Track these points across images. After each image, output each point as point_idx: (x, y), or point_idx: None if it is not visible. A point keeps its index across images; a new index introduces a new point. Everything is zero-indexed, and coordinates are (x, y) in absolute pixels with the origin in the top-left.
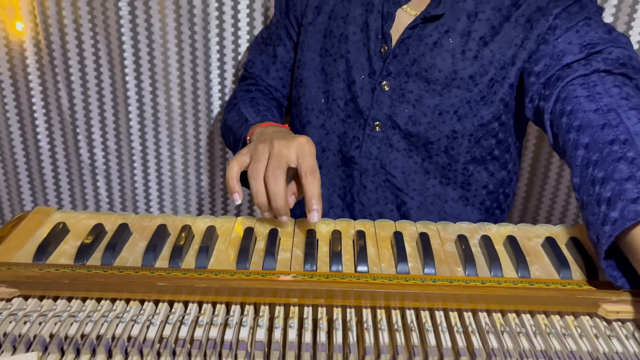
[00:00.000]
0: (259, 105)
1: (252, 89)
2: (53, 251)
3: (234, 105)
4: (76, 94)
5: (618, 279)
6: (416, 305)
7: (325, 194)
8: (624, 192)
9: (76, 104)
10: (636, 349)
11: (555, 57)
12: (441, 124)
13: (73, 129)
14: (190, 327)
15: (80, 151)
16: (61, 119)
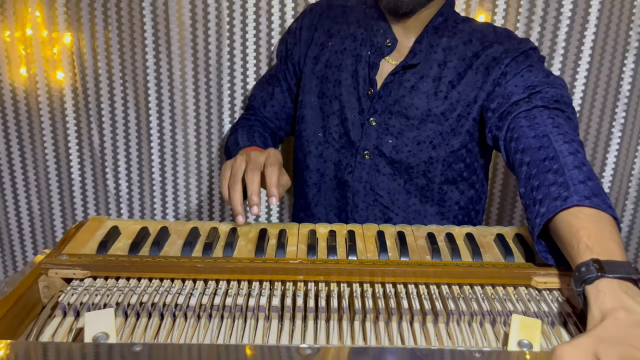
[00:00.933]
0: (254, 132)
1: (252, 118)
2: (110, 247)
3: (234, 130)
4: (106, 132)
5: (548, 258)
6: (393, 280)
7: (323, 212)
8: (549, 194)
9: (105, 141)
10: (559, 309)
11: (505, 96)
12: (419, 152)
13: (102, 163)
14: (222, 297)
15: (107, 182)
16: (92, 154)
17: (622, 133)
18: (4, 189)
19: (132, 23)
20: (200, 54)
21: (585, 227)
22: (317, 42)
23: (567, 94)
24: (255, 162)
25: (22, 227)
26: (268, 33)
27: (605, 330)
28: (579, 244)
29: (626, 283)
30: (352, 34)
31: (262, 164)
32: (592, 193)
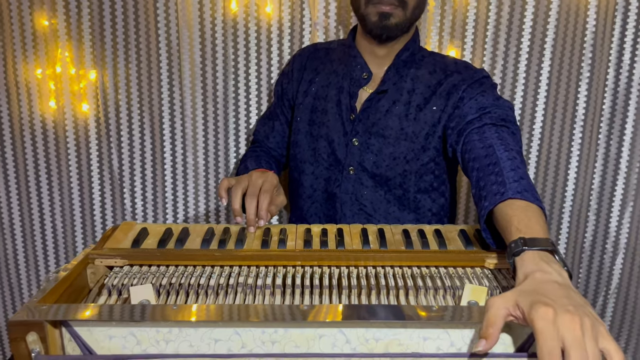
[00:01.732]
0: (261, 159)
1: (257, 149)
2: (142, 243)
3: (243, 161)
4: (124, 156)
5: (492, 243)
6: (374, 264)
7: (317, 222)
8: (491, 191)
9: (124, 164)
10: (505, 284)
11: (462, 117)
12: (395, 166)
13: (120, 184)
14: (235, 278)
15: (124, 201)
16: (111, 176)
17: (580, 152)
18: (32, 207)
19: (149, 61)
20: (209, 87)
21: (516, 215)
22: (306, 79)
23: (512, 114)
24: (254, 186)
25: (46, 241)
26: (268, 69)
27: (525, 285)
28: (511, 228)
29: (545, 253)
30: (334, 70)
31: (259, 188)
32: (523, 189)
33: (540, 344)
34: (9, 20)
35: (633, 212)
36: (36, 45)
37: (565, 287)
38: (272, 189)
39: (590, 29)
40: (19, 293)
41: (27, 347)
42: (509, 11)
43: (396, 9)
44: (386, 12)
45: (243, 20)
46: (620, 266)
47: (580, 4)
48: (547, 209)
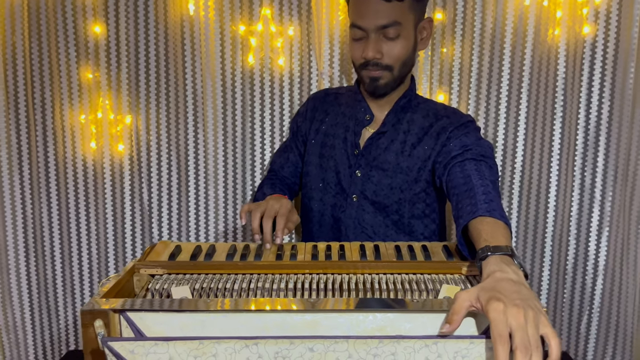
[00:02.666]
0: (276, 186)
1: (274, 177)
2: (177, 257)
3: (260, 187)
4: (153, 191)
5: (467, 254)
6: (369, 271)
7: None
8: (465, 211)
9: (152, 198)
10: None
11: (447, 154)
12: (392, 195)
13: (149, 215)
14: (255, 283)
15: (153, 231)
16: (141, 208)
17: (558, 182)
18: (71, 236)
19: (177, 106)
20: (229, 129)
21: (485, 229)
22: (318, 119)
23: (491, 152)
24: (271, 209)
25: (82, 266)
26: (280, 112)
27: (486, 283)
28: (480, 239)
29: (505, 257)
30: (342, 112)
31: (276, 211)
32: (492, 208)
33: (492, 329)
34: (57, 73)
35: (609, 236)
36: (81, 94)
37: (518, 283)
38: (287, 212)
39: (561, 75)
40: (55, 315)
41: (95, 331)
42: (489, 60)
43: (384, 72)
44: (375, 76)
45: (259, 71)
46: (601, 287)
47: (551, 53)
48: (530, 234)
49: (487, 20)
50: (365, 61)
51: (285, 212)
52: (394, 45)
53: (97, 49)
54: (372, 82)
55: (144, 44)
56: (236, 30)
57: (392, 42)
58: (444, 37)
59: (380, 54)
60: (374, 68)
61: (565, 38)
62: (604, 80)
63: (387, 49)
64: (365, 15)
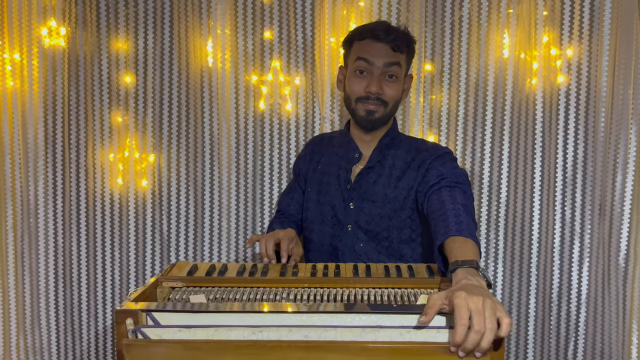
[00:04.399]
0: (284, 223)
1: (282, 217)
2: (194, 274)
3: (270, 226)
4: (172, 223)
5: (443, 269)
6: (361, 286)
7: None
8: (440, 232)
9: (171, 229)
10: None
11: (427, 183)
12: (382, 223)
13: (168, 244)
14: (261, 295)
15: (171, 258)
16: (161, 238)
17: (540, 217)
18: (97, 263)
19: (195, 147)
20: (241, 167)
21: (456, 246)
22: (315, 160)
23: (465, 178)
24: (275, 234)
25: (106, 291)
26: (287, 152)
27: (454, 287)
28: (452, 255)
29: (471, 269)
30: (335, 153)
31: (279, 237)
32: (461, 229)
33: (455, 312)
34: (92, 116)
35: (590, 266)
36: (111, 136)
37: (480, 287)
38: (292, 236)
39: (539, 119)
40: (79, 337)
41: (126, 327)
42: (474, 106)
43: (379, 107)
44: (371, 109)
45: (268, 116)
46: (585, 314)
47: (529, 100)
48: (517, 264)
49: (471, 71)
50: (367, 95)
51: (289, 236)
52: (392, 85)
53: (127, 96)
54: (368, 114)
55: (167, 91)
56: (249, 80)
57: (391, 82)
58: (433, 86)
59: (382, 90)
60: (374, 102)
61: (541, 87)
62: (578, 123)
63: (386, 88)
64: (375, 53)
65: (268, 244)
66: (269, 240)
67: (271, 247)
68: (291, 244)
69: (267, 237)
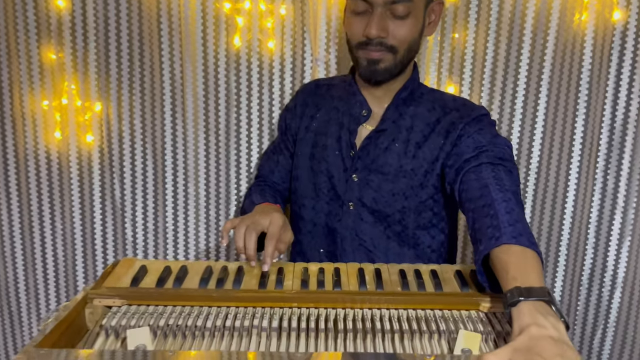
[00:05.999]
0: (266, 192)
1: (262, 184)
2: (141, 282)
3: (248, 195)
4: (126, 187)
5: (487, 285)
6: (370, 306)
7: (317, 256)
8: (486, 234)
9: (125, 194)
10: (499, 328)
11: (459, 155)
12: (395, 202)
13: (122, 214)
14: (232, 320)
15: (125, 231)
16: (113, 206)
17: (577, 186)
18: (33, 237)
19: (153, 93)
20: (211, 120)
21: (512, 261)
22: (308, 115)
23: (510, 152)
24: (257, 224)
25: (47, 270)
26: (269, 102)
27: (519, 342)
28: (507, 275)
29: (541, 304)
30: (335, 106)
31: (263, 227)
32: (518, 233)
33: None
34: (16, 53)
35: (631, 246)
36: (43, 78)
37: (560, 342)
38: (278, 230)
39: (587, 66)
40: (18, 322)
41: None
42: (506, 48)
43: (385, 55)
44: (375, 58)
45: (245, 55)
46: (619, 301)
47: (576, 41)
48: (544, 242)
49: (505, 3)
50: (366, 40)
51: (276, 231)
52: (402, 24)
53: (61, 26)
54: (370, 64)
55: (114, 20)
56: (220, 8)
57: (400, 21)
58: (456, 21)
59: (386, 33)
60: (376, 48)
61: (592, 24)
62: (634, 72)
63: (393, 28)
64: None
65: (248, 238)
66: (249, 232)
67: (252, 242)
68: (279, 242)
69: (248, 225)
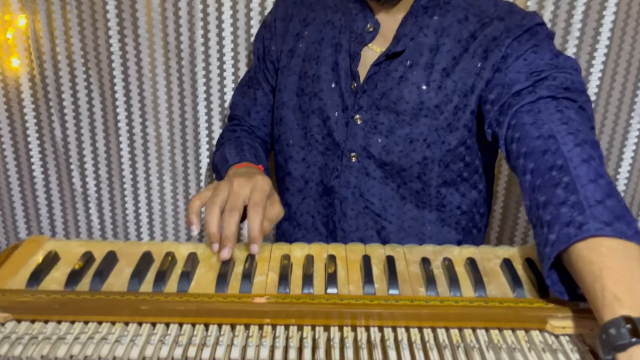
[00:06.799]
0: (243, 144)
1: (237, 129)
2: (45, 277)
3: (220, 145)
4: (69, 125)
5: (562, 293)
6: (380, 323)
7: (310, 222)
8: (559, 216)
9: (69, 135)
10: None
11: (506, 85)
12: (412, 152)
13: (66, 159)
14: (171, 347)
15: (73, 180)
16: (54, 149)
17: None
18: None
19: (92, 2)
20: (171, 38)
21: (610, 267)
22: (292, 33)
23: (580, 79)
24: (237, 197)
25: None
26: (246, 14)
27: None
28: (604, 292)
29: None
30: (329, 20)
31: (245, 198)
32: (613, 216)
33: None
34: None
35: None
36: None
37: None
38: (263, 200)
39: None
40: None
41: None
42: None
43: None
44: None
45: None
46: None
47: None
48: None
49: None
50: None
51: (261, 200)
52: None
53: None
54: None
55: None
56: None
57: None
58: None
59: None
60: None
61: None
62: None
63: None
64: None
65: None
66: (229, 214)
67: (233, 226)
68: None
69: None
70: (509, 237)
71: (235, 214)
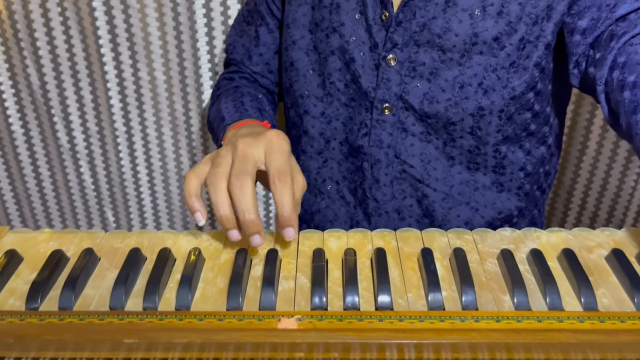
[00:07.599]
0: (243, 96)
1: (235, 76)
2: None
3: (216, 97)
4: (47, 70)
5: None
6: (455, 356)
7: (334, 189)
8: None
9: (48, 82)
10: None
11: (604, 7)
12: (464, 100)
13: (47, 110)
14: None
15: (58, 134)
16: (33, 99)
17: None
18: None
19: None
20: None
21: None
22: None
23: None
24: (245, 159)
25: None
26: None
27: None
28: None
29: None
30: None
31: (258, 160)
32: None
33: None
34: None
35: None
36: None
37: None
38: (287, 165)
39: None
40: None
41: None
42: None
43: None
44: None
45: None
46: None
47: None
48: None
49: None
50: None
51: (285, 166)
52: None
53: None
54: None
55: None
56: None
57: None
58: None
59: None
60: None
61: None
62: None
63: None
64: None
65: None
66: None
67: (250, 200)
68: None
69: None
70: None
71: (247, 180)
